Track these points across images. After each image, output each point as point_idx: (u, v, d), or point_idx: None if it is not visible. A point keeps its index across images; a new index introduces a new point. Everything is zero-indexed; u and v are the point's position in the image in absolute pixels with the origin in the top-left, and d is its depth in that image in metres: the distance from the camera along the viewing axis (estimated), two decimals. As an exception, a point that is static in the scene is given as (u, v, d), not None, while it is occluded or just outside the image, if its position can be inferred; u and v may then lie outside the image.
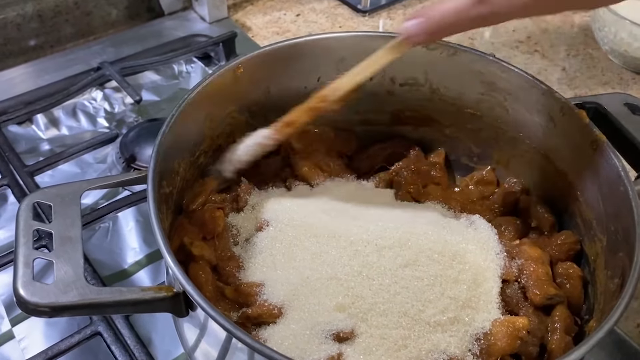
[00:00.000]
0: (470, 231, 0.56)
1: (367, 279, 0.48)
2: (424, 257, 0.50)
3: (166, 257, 0.40)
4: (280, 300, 0.48)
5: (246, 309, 0.48)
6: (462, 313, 0.49)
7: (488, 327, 0.49)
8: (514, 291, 0.53)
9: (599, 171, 0.52)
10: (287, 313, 0.47)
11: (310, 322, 0.46)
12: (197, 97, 0.53)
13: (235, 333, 0.37)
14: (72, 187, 0.46)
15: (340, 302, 0.47)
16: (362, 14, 1.04)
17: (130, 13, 1.00)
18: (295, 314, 0.47)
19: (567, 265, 0.54)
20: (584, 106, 0.57)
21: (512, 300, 0.52)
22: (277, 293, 0.48)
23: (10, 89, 0.85)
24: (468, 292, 0.50)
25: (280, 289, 0.48)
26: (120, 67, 0.86)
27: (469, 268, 0.51)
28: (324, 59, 0.62)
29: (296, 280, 0.48)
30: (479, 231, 0.56)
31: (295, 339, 0.45)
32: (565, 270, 0.54)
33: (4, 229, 0.68)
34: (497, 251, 0.54)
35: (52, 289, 0.39)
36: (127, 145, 0.76)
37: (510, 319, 0.49)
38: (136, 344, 0.56)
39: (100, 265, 0.64)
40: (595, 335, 0.39)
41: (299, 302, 0.47)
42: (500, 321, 0.49)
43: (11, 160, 0.73)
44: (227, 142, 0.59)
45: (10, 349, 0.58)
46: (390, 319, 0.47)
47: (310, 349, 0.45)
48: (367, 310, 0.47)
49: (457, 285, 0.50)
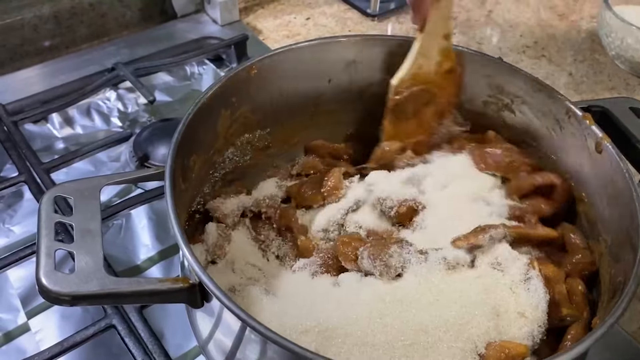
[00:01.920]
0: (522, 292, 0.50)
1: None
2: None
3: (184, 250, 0.41)
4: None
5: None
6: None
7: (483, 350, 0.46)
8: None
9: (604, 174, 0.53)
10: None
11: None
12: (213, 96, 0.54)
13: (250, 323, 0.38)
14: (92, 182, 0.47)
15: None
16: (371, 18, 1.05)
17: (143, 15, 1.02)
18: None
19: (574, 282, 0.52)
20: (589, 110, 0.58)
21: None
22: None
23: (27, 88, 0.86)
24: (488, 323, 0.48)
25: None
26: (134, 68, 0.87)
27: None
28: (335, 61, 0.63)
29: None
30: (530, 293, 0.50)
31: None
32: (571, 285, 0.52)
33: (20, 224, 0.69)
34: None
35: (74, 279, 0.41)
36: (141, 145, 0.77)
37: (507, 344, 0.46)
38: (150, 337, 0.57)
39: (114, 261, 0.65)
40: (598, 330, 0.40)
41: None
42: (495, 345, 0.46)
43: (28, 157, 0.75)
44: (241, 142, 0.61)
45: (26, 341, 0.59)
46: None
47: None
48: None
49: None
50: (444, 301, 0.48)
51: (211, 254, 0.55)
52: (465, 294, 0.49)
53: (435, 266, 0.50)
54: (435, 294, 0.49)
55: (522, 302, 0.49)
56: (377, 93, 0.65)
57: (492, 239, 0.52)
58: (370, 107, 0.65)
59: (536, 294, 0.49)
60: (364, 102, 0.66)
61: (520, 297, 0.49)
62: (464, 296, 0.49)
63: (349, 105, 0.67)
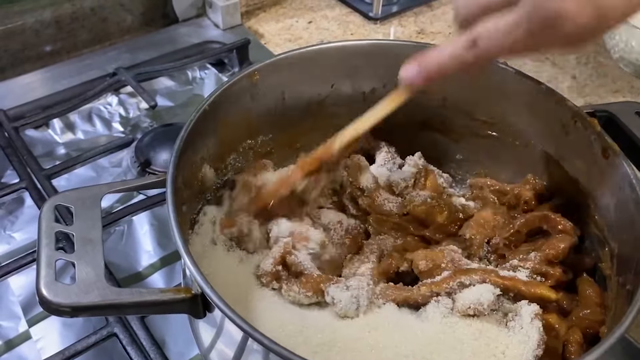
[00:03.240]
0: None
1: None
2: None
3: (185, 259, 0.41)
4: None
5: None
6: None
7: None
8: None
9: (611, 179, 0.52)
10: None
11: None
12: (215, 102, 0.54)
13: (252, 334, 0.38)
14: (93, 191, 0.47)
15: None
16: (374, 22, 1.05)
17: (145, 19, 1.01)
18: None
19: (575, 333, 0.50)
20: (595, 114, 0.57)
21: None
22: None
23: (27, 93, 0.86)
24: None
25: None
26: (136, 72, 0.87)
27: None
28: (338, 66, 0.63)
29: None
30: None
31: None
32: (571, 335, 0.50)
33: (21, 231, 0.69)
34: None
35: (74, 290, 0.40)
36: (142, 150, 0.77)
37: None
38: (152, 346, 0.56)
39: (116, 268, 0.65)
40: (607, 341, 0.40)
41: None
42: None
43: (29, 163, 0.74)
44: (243, 148, 0.60)
45: (27, 349, 0.59)
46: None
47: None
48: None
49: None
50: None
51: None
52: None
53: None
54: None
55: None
56: (380, 98, 0.64)
57: (461, 285, 0.51)
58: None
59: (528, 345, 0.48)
60: (367, 107, 0.66)
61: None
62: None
63: (352, 110, 0.66)
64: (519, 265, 0.53)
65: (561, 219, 0.55)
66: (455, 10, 0.44)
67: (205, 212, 0.57)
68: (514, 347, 0.47)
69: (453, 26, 0.47)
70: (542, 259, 0.53)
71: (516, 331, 0.48)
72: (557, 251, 0.53)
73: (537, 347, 0.47)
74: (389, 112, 0.52)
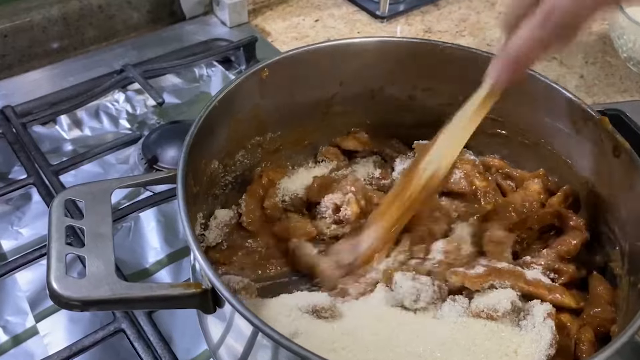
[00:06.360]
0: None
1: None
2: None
3: (196, 253, 0.41)
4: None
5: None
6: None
7: None
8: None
9: (622, 178, 0.52)
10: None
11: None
12: (224, 99, 0.54)
13: (262, 329, 0.37)
14: (103, 185, 0.47)
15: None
16: (380, 20, 1.05)
17: (152, 17, 1.01)
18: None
19: (587, 331, 0.50)
20: (605, 113, 0.57)
21: None
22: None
23: (35, 90, 0.86)
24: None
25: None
26: (143, 69, 0.87)
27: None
28: (346, 63, 0.63)
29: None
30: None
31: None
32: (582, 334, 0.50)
33: (28, 227, 0.69)
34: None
35: (85, 284, 0.40)
36: (149, 147, 0.77)
37: None
38: (159, 341, 0.56)
39: (123, 264, 0.65)
40: (619, 340, 0.39)
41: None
42: None
43: (37, 159, 0.74)
44: (251, 144, 0.60)
45: (34, 344, 0.59)
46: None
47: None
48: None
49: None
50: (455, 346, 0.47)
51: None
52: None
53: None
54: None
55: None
56: (388, 95, 0.64)
57: (492, 287, 0.50)
58: (382, 110, 0.65)
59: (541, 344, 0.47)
60: (376, 104, 0.66)
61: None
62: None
63: (360, 108, 0.66)
64: (532, 262, 0.53)
65: (572, 214, 0.55)
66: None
67: (216, 216, 0.57)
68: (527, 346, 0.47)
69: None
70: (554, 255, 0.53)
71: (529, 330, 0.48)
72: (569, 247, 0.53)
73: (549, 347, 0.47)
74: (481, 118, 0.50)
